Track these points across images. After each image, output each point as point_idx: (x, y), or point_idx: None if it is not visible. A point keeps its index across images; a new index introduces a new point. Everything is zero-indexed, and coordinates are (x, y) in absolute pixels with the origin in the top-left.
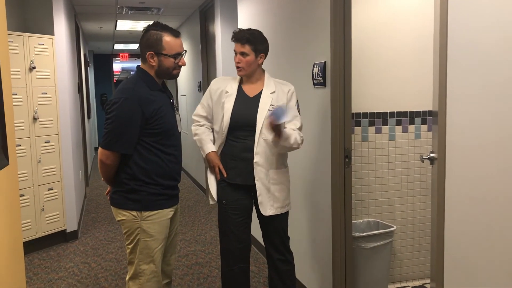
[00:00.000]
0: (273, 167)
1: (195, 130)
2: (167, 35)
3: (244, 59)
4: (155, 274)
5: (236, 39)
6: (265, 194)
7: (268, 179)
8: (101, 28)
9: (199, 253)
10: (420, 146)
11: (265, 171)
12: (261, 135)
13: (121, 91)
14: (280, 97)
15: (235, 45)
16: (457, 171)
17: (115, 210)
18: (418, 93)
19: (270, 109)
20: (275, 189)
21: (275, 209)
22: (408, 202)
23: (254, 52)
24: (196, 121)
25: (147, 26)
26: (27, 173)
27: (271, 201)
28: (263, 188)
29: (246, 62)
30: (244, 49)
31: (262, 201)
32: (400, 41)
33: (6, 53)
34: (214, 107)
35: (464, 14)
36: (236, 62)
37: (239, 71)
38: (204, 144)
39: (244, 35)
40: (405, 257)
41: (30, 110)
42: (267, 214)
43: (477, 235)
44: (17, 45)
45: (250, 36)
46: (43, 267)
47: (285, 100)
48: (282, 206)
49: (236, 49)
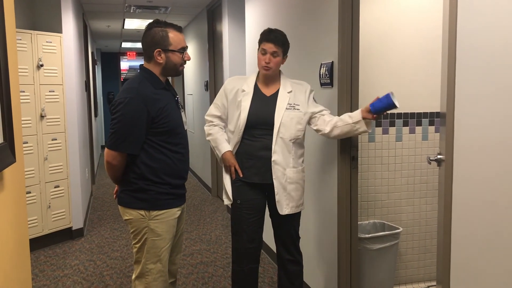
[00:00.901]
0: (290, 166)
1: (208, 130)
2: (171, 31)
3: (274, 59)
4: (161, 273)
5: (271, 39)
6: (282, 193)
7: (284, 178)
8: (108, 27)
9: (204, 252)
10: (427, 148)
11: (282, 169)
12: (279, 134)
13: (126, 91)
14: (298, 96)
15: (267, 45)
16: (464, 173)
17: (123, 209)
18: (425, 94)
19: (288, 108)
20: (291, 188)
21: (290, 208)
22: (414, 203)
23: (283, 53)
24: (209, 121)
25: (148, 24)
26: (34, 170)
27: (287, 200)
28: (280, 187)
29: (276, 62)
30: (276, 49)
31: (279, 199)
32: (408, 42)
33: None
34: (230, 106)
35: (473, 15)
36: (265, 62)
37: (266, 70)
38: (219, 144)
39: (279, 36)
40: (411, 259)
41: (38, 108)
42: (284, 213)
43: (484, 238)
44: (25, 42)
45: (283, 38)
46: (49, 264)
47: (304, 99)
48: (296, 205)
49: (268, 49)
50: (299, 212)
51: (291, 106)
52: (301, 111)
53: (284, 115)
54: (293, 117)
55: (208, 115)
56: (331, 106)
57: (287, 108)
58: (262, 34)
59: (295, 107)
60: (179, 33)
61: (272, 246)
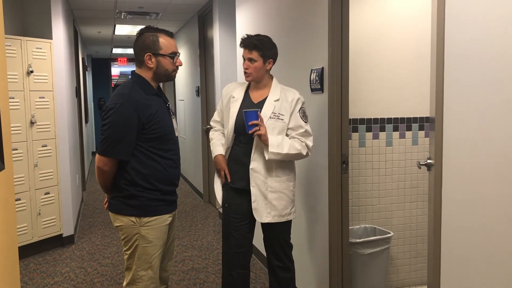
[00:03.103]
0: (272, 175)
1: (211, 135)
2: (162, 36)
3: (252, 65)
4: (153, 280)
5: (244, 45)
6: (262, 201)
7: (265, 187)
8: (99, 33)
9: (196, 258)
10: (417, 152)
11: (262, 178)
12: (259, 142)
13: (117, 96)
14: (284, 105)
15: (243, 51)
16: (453, 177)
17: (113, 215)
18: (415, 99)
19: (272, 116)
20: (272, 197)
21: (272, 217)
22: (405, 208)
23: (262, 58)
24: (213, 127)
25: (140, 30)
26: (23, 177)
27: (268, 208)
28: (259, 195)
29: (254, 68)
30: (251, 55)
31: (256, 207)
32: (397, 48)
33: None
34: (224, 111)
35: (461, 21)
36: (244, 68)
37: (246, 76)
38: (214, 147)
39: (252, 41)
40: (402, 263)
41: (28, 114)
42: (263, 222)
43: (474, 241)
44: (15, 49)
45: (258, 42)
46: (39, 272)
47: (289, 109)
48: (280, 215)
49: (244, 55)
50: (288, 221)
51: (275, 115)
52: (285, 122)
53: (267, 124)
54: (275, 126)
55: (211, 121)
56: (321, 111)
57: (271, 117)
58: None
59: (279, 117)
60: (170, 38)
61: (264, 251)
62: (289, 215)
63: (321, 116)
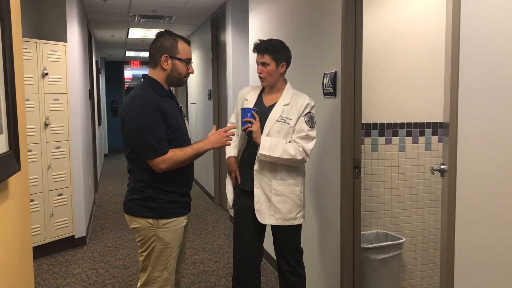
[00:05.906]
0: (277, 177)
1: None
2: (181, 42)
3: (265, 69)
4: (168, 281)
5: (257, 49)
6: (265, 203)
7: (270, 189)
8: (113, 36)
9: (207, 261)
10: (430, 158)
11: (267, 180)
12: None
13: (132, 99)
14: (292, 109)
15: (256, 56)
16: (467, 183)
17: (130, 217)
18: (428, 104)
19: (279, 120)
20: (276, 200)
21: (276, 220)
22: (417, 214)
23: (274, 61)
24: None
25: (159, 32)
26: (37, 178)
27: (272, 211)
28: (262, 196)
29: (267, 72)
30: (264, 59)
31: (259, 209)
32: (411, 52)
33: (20, 59)
34: (238, 114)
35: (476, 25)
36: (258, 73)
37: (262, 81)
38: (227, 149)
39: (264, 45)
40: (414, 269)
41: (42, 116)
42: (265, 223)
43: (488, 248)
44: (31, 51)
45: (269, 45)
46: (51, 273)
47: (297, 113)
48: (284, 218)
49: (257, 60)
50: (296, 225)
51: (283, 119)
52: (291, 125)
53: (273, 127)
54: (281, 130)
55: (228, 123)
56: (334, 116)
57: (278, 121)
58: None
59: (286, 121)
60: (187, 45)
61: (274, 255)
62: (295, 220)
63: (334, 121)
